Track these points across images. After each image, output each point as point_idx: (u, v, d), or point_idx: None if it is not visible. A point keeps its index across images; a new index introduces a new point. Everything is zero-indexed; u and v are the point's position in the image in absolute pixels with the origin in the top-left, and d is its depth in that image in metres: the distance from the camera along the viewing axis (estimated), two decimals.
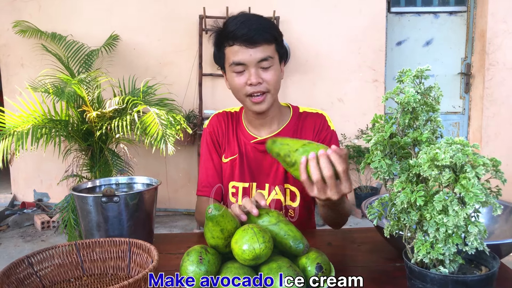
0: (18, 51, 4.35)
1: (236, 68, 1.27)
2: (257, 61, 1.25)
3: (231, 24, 1.26)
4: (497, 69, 4.39)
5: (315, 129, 1.40)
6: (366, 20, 4.32)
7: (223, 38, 1.29)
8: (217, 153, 1.44)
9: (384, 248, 1.16)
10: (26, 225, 4.20)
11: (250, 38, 1.23)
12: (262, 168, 1.39)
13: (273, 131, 1.40)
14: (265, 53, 1.26)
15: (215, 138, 1.45)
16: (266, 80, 1.27)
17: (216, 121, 1.47)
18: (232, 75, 1.29)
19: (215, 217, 0.89)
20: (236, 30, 1.24)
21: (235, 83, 1.29)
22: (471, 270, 0.77)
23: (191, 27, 4.29)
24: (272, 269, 0.84)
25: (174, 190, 4.49)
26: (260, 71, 1.27)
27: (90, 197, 1.08)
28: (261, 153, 1.39)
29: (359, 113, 4.39)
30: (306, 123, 1.41)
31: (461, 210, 0.67)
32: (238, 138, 1.42)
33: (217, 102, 4.34)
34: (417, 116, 0.78)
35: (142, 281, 0.76)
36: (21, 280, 0.85)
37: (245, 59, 1.25)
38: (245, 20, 1.25)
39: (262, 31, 1.25)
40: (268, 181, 1.39)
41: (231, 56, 1.27)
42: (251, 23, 1.25)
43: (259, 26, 1.25)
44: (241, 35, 1.23)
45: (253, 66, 1.26)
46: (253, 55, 1.25)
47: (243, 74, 1.28)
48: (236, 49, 1.26)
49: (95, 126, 3.27)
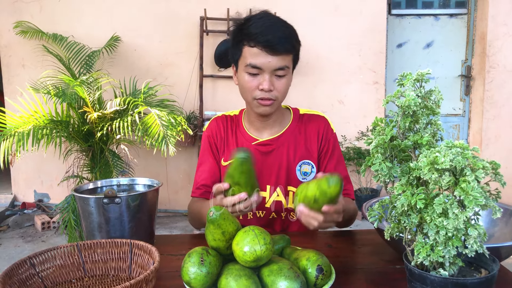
0: (19, 51, 4.36)
1: (251, 70, 1.27)
2: (274, 69, 1.25)
3: (255, 26, 1.25)
4: (498, 71, 4.39)
5: (320, 133, 1.42)
6: (366, 22, 4.33)
7: (243, 36, 1.27)
8: (214, 156, 1.44)
9: (384, 250, 1.17)
10: (27, 225, 4.20)
11: (272, 46, 1.23)
12: (263, 169, 1.40)
13: (275, 133, 1.41)
14: (283, 62, 1.25)
15: (212, 142, 1.45)
16: (277, 88, 1.28)
17: (215, 125, 1.47)
18: (245, 75, 1.29)
19: (216, 220, 0.89)
20: (260, 33, 1.23)
21: (247, 85, 1.29)
22: (471, 273, 0.77)
23: (192, 28, 4.30)
24: (273, 271, 0.85)
25: (175, 191, 4.49)
26: (274, 79, 1.27)
27: (92, 198, 1.08)
28: (262, 155, 1.39)
29: (359, 115, 4.40)
30: (309, 126, 1.43)
31: (461, 213, 0.67)
32: (238, 141, 1.43)
33: (217, 104, 4.35)
34: (418, 119, 0.78)
35: (143, 282, 0.77)
36: (23, 281, 0.85)
37: (263, 64, 1.25)
38: (271, 24, 1.24)
39: (285, 40, 1.24)
40: (270, 183, 1.40)
41: (249, 57, 1.26)
42: (276, 29, 1.24)
43: (283, 35, 1.24)
44: (264, 41, 1.22)
45: (268, 73, 1.26)
46: (271, 62, 1.24)
47: (256, 77, 1.27)
48: (256, 52, 1.24)
49: (96, 127, 3.28)
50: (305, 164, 1.40)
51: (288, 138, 1.40)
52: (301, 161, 1.39)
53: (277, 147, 1.40)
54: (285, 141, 1.40)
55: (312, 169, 1.40)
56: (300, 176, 1.39)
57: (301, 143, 1.41)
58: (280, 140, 1.40)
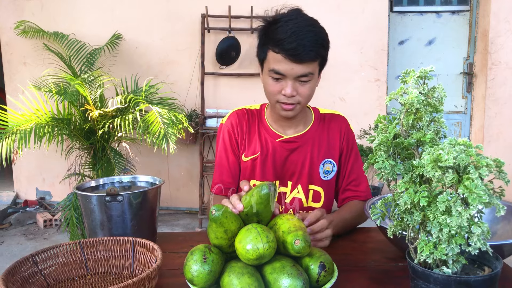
0: (20, 49, 4.36)
1: (274, 75, 1.26)
2: (297, 75, 1.24)
3: (281, 30, 1.21)
4: (500, 68, 4.38)
5: (342, 133, 1.44)
6: (368, 19, 4.32)
7: (268, 39, 1.25)
8: (234, 152, 1.43)
9: (386, 248, 1.16)
10: (29, 223, 4.21)
11: (296, 55, 1.20)
12: (287, 166, 1.40)
13: (299, 131, 1.41)
14: (307, 69, 1.23)
15: (233, 137, 1.43)
16: (300, 93, 1.27)
17: (236, 119, 1.44)
18: (268, 78, 1.28)
19: (218, 219, 0.89)
20: (284, 40, 1.19)
21: (270, 88, 1.29)
22: (474, 271, 0.77)
23: (193, 26, 4.29)
24: (275, 269, 0.85)
25: (176, 188, 4.50)
26: (297, 84, 1.26)
27: (94, 196, 1.08)
28: (287, 151, 1.40)
29: (361, 112, 4.39)
30: (332, 126, 1.44)
31: (464, 211, 0.67)
32: (260, 137, 1.42)
33: (219, 101, 4.34)
34: (421, 117, 0.78)
35: (146, 280, 0.77)
36: (26, 278, 0.85)
37: (286, 71, 1.23)
38: (297, 30, 1.20)
39: (310, 48, 1.20)
40: (292, 180, 1.41)
41: (272, 63, 1.24)
42: (302, 36, 1.19)
43: (308, 42, 1.20)
44: (288, 49, 1.19)
45: (291, 79, 1.24)
46: (294, 70, 1.22)
47: (280, 82, 1.26)
48: (279, 58, 1.22)
49: (97, 125, 3.28)
50: (328, 163, 1.41)
51: (312, 136, 1.41)
52: (324, 159, 1.40)
53: (302, 144, 1.40)
54: (309, 139, 1.41)
55: (333, 167, 1.41)
56: (322, 174, 1.40)
57: (324, 142, 1.42)
58: (304, 138, 1.40)
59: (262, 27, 1.29)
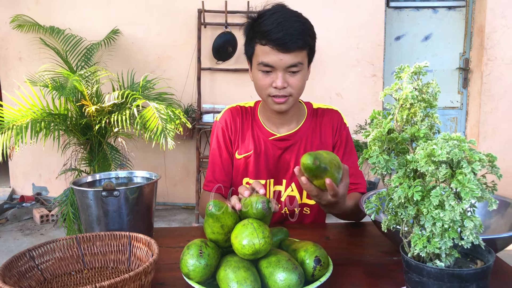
0: (16, 44, 4.33)
1: (264, 68, 1.25)
2: (286, 66, 1.23)
3: (266, 23, 1.21)
4: (495, 64, 4.39)
5: (334, 127, 1.42)
6: (365, 14, 4.32)
7: (255, 33, 1.25)
8: (227, 150, 1.43)
9: (381, 242, 1.17)
10: (25, 218, 4.21)
11: (284, 44, 1.20)
12: (280, 164, 1.40)
13: (292, 128, 1.41)
14: (296, 59, 1.23)
15: (227, 134, 1.43)
16: (291, 84, 1.27)
17: (230, 117, 1.44)
18: (258, 73, 1.28)
19: (215, 214, 0.89)
20: (270, 31, 1.20)
21: (260, 83, 1.28)
22: (466, 264, 0.78)
23: (190, 21, 4.28)
24: (271, 263, 0.85)
25: (173, 184, 4.50)
26: (287, 75, 1.25)
27: (91, 191, 1.08)
28: (280, 150, 1.39)
29: (357, 107, 4.40)
30: (324, 121, 1.43)
31: (457, 205, 0.68)
32: (253, 135, 1.41)
33: (215, 97, 4.34)
34: (415, 112, 0.78)
35: (142, 274, 0.77)
36: (23, 273, 0.86)
37: (275, 62, 1.23)
38: (282, 21, 1.20)
39: (297, 37, 1.20)
40: (286, 177, 1.40)
41: (261, 55, 1.24)
42: (287, 25, 1.20)
43: (295, 31, 1.20)
44: (275, 39, 1.19)
45: (281, 70, 1.24)
46: (283, 60, 1.22)
47: (269, 75, 1.26)
48: (267, 50, 1.22)
49: (94, 120, 3.27)
50: None
51: (305, 133, 1.40)
52: None
53: (294, 142, 1.40)
54: (302, 136, 1.40)
55: None
56: None
57: (317, 138, 1.41)
58: (297, 135, 1.40)
59: (248, 23, 1.30)
